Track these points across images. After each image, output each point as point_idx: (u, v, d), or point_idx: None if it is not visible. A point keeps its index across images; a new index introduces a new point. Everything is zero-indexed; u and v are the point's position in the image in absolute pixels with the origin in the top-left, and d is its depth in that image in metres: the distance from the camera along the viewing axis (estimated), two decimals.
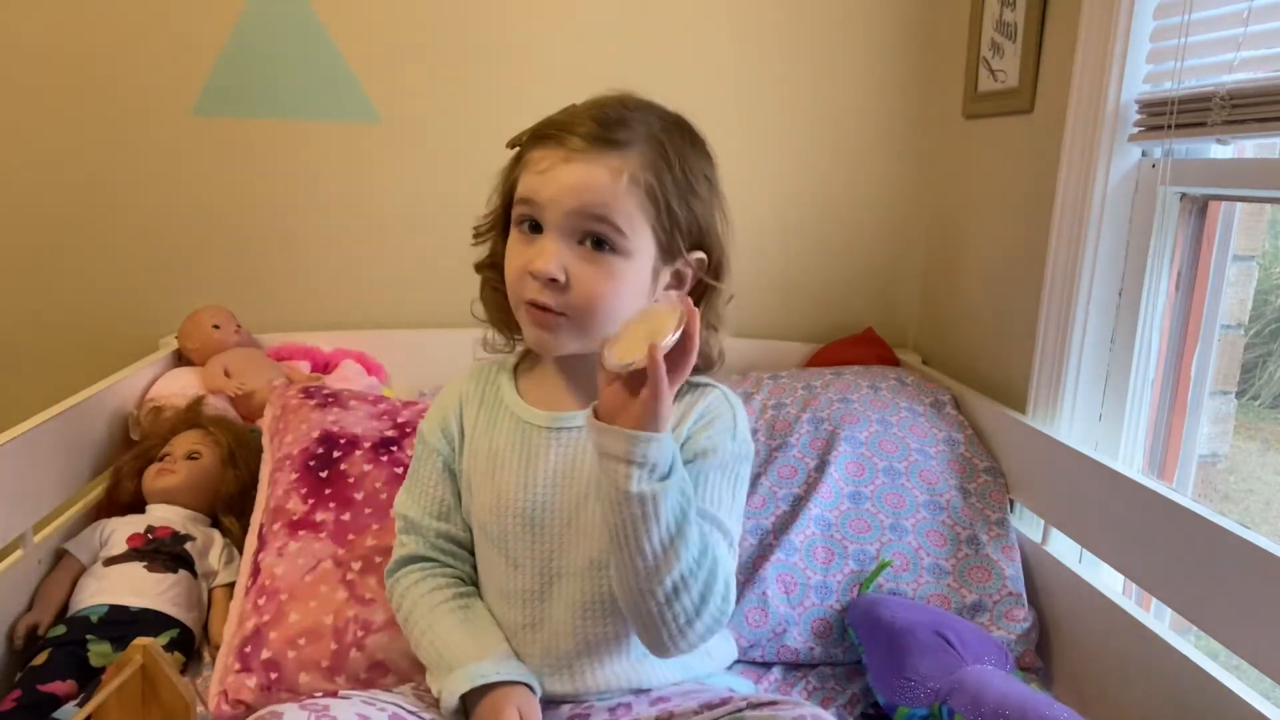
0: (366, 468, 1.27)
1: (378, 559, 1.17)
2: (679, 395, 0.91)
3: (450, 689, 0.85)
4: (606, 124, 0.84)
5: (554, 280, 0.84)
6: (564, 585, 0.91)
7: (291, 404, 1.39)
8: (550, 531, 0.91)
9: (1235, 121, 1.10)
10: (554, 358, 0.93)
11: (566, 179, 0.83)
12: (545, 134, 0.86)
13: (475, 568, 0.99)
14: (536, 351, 0.95)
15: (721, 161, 0.94)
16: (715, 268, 0.91)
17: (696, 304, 0.85)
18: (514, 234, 0.89)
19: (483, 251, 0.98)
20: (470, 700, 0.86)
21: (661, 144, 0.86)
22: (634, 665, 0.93)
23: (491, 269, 0.97)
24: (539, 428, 0.93)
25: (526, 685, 0.88)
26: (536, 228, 0.86)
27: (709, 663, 1.00)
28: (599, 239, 0.84)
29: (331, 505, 1.23)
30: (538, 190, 0.85)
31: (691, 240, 0.88)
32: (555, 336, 0.87)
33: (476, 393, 0.99)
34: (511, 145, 0.90)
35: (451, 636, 0.90)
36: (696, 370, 0.88)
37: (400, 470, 1.27)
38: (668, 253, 0.88)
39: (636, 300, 0.86)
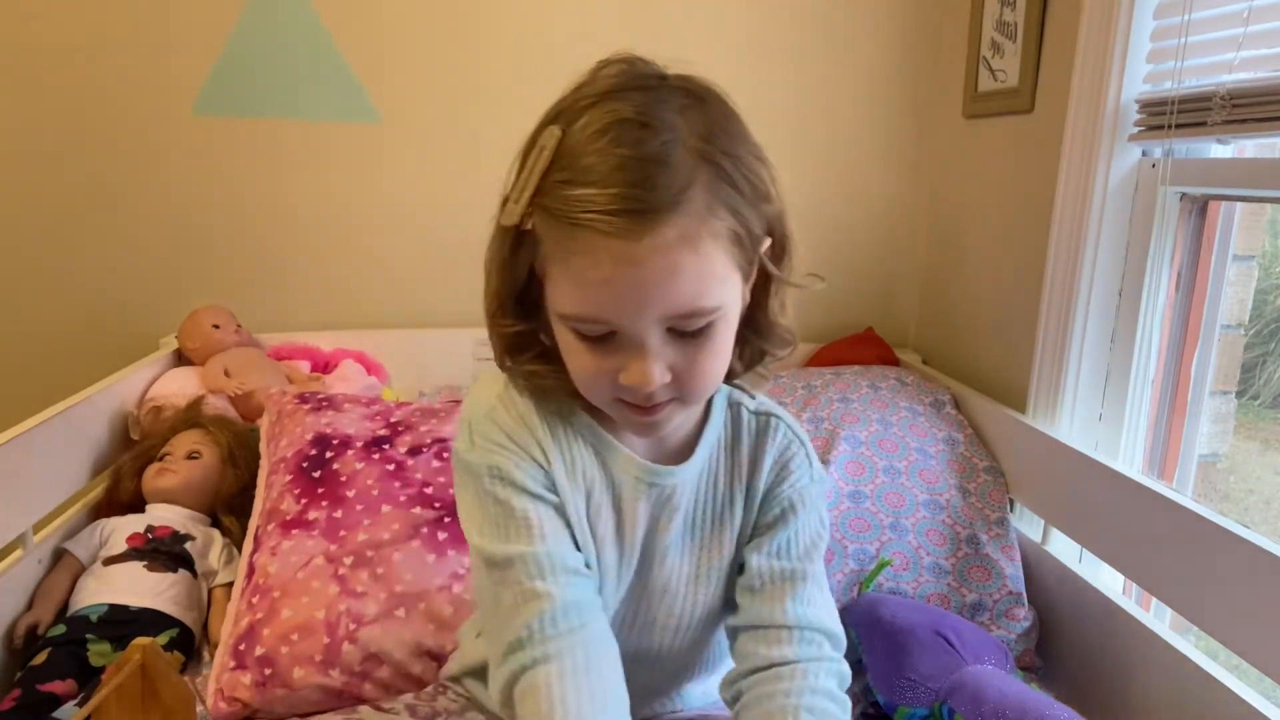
0: (358, 466, 1.28)
1: (369, 553, 1.18)
2: (739, 433, 0.82)
3: None
4: (648, 180, 0.61)
5: None
6: (623, 637, 0.80)
7: (287, 409, 1.40)
8: (619, 585, 0.80)
9: (1235, 121, 1.10)
10: None
11: (640, 285, 0.63)
12: (572, 218, 0.62)
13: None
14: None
15: None
16: (780, 243, 0.74)
17: (765, 288, 0.75)
18: (570, 338, 0.68)
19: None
20: None
21: (711, 156, 0.65)
22: (674, 696, 0.90)
23: (524, 357, 0.75)
24: (634, 479, 0.77)
25: None
26: (608, 334, 0.66)
27: None
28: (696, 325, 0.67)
29: (324, 503, 1.24)
30: (602, 308, 0.64)
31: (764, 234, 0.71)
32: (664, 422, 0.72)
33: (540, 419, 0.76)
34: (517, 225, 0.66)
35: None
36: (768, 356, 0.78)
37: (392, 467, 1.27)
38: (749, 270, 0.71)
39: (733, 336, 0.72)
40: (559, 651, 0.69)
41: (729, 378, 0.77)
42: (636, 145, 0.62)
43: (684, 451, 0.79)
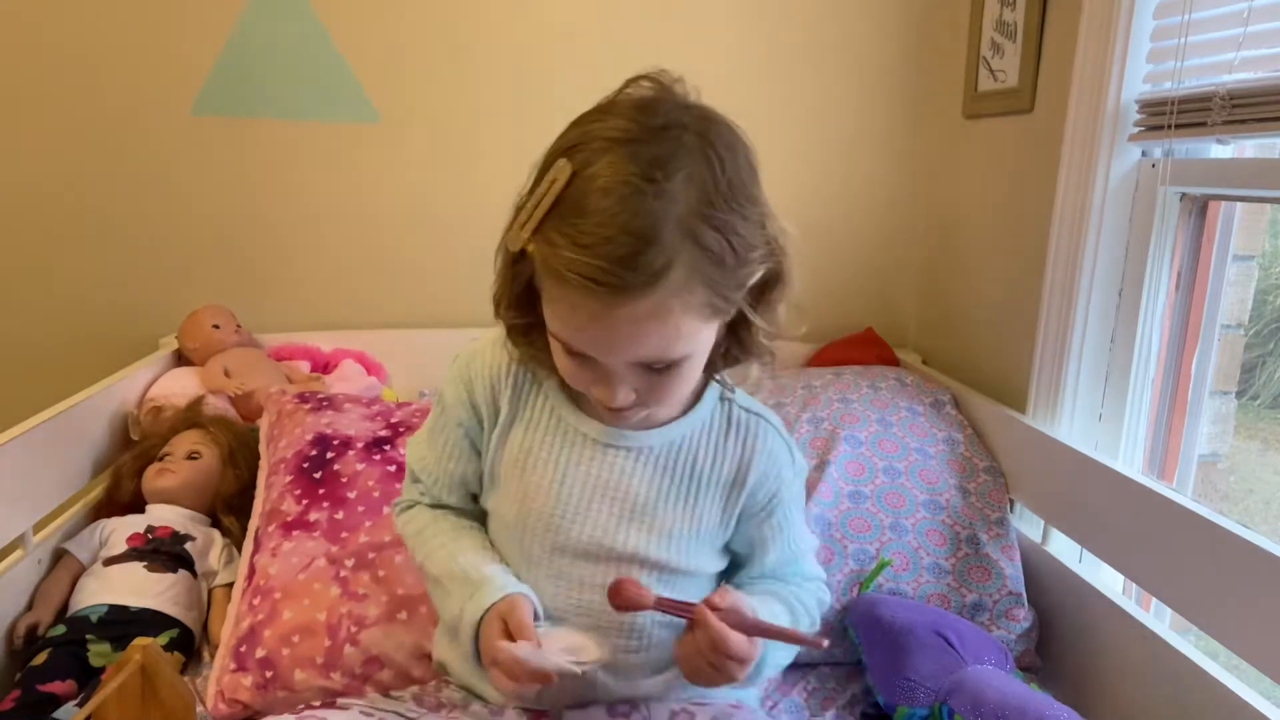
0: (359, 467, 1.28)
1: (371, 555, 1.18)
2: (731, 424, 0.89)
3: (479, 603, 0.82)
4: (633, 259, 0.67)
5: None
6: (582, 598, 0.86)
7: (287, 408, 1.40)
8: (575, 544, 0.86)
9: (1235, 121, 1.10)
10: None
11: (609, 340, 0.72)
12: (559, 272, 0.69)
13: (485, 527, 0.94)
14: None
15: None
16: (770, 286, 0.80)
17: (746, 323, 0.80)
18: (556, 344, 0.78)
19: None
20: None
21: (699, 234, 0.69)
22: (642, 681, 0.88)
23: (525, 340, 0.84)
24: (587, 438, 0.86)
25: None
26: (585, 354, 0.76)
27: None
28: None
29: (325, 505, 1.24)
30: (577, 342, 0.74)
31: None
32: (631, 420, 0.82)
33: (509, 373, 0.88)
34: (519, 249, 0.73)
35: (476, 555, 0.87)
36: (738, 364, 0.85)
37: (393, 468, 1.27)
38: (727, 314, 0.78)
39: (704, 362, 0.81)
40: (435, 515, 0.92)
41: (709, 369, 0.85)
42: (632, 216, 0.67)
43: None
